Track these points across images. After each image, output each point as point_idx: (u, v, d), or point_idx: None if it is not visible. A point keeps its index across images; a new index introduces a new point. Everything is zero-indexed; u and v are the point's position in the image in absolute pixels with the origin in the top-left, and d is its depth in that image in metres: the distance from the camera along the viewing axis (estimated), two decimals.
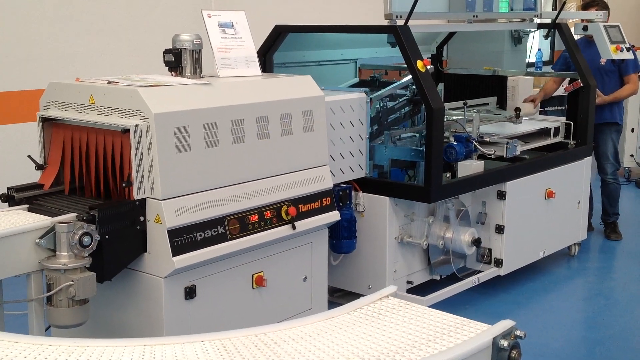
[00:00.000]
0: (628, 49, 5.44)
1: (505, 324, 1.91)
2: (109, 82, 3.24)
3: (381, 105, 4.59)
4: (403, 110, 4.80)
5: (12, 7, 5.25)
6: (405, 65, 4.34)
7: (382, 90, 4.60)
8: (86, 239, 2.82)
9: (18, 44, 5.31)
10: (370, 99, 4.37)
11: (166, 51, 3.55)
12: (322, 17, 7.20)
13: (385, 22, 4.38)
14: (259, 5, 6.57)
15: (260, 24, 4.57)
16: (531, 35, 7.46)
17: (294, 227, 3.54)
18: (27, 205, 3.20)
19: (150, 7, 6.00)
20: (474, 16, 5.02)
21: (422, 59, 4.26)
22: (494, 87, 6.00)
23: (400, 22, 4.33)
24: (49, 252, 2.85)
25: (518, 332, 1.90)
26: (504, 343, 1.86)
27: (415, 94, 4.68)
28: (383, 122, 4.59)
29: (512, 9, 5.39)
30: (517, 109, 5.46)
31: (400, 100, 4.78)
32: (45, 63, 5.42)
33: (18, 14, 5.28)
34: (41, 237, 2.83)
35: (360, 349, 1.86)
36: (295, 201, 3.59)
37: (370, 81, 5.18)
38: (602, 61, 5.84)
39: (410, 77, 4.46)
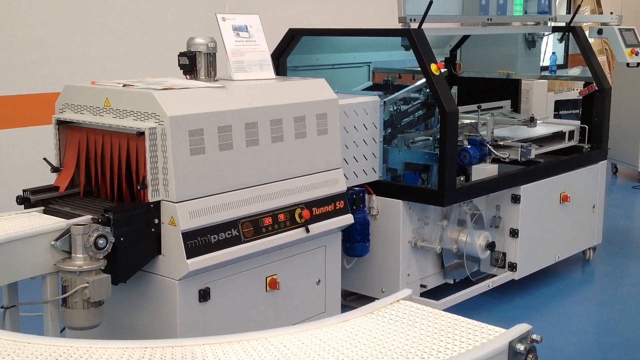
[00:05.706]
0: None
1: (521, 328, 1.90)
2: (124, 85, 3.26)
3: (395, 108, 4.57)
4: (417, 113, 4.78)
5: (26, 10, 5.28)
6: (419, 69, 4.34)
7: (396, 94, 4.58)
8: (101, 241, 2.83)
9: (32, 47, 5.34)
10: (384, 102, 4.36)
11: (181, 54, 3.57)
12: (335, 20, 7.20)
13: (399, 25, 4.37)
14: (273, 8, 6.58)
15: (274, 27, 4.57)
16: (545, 38, 7.42)
17: (307, 230, 3.54)
18: (43, 208, 3.21)
19: (163, 9, 6.03)
20: (487, 19, 5.02)
21: (436, 62, 4.25)
22: (507, 90, 5.99)
23: (414, 26, 4.32)
24: (64, 254, 2.86)
25: (534, 336, 1.88)
26: (521, 347, 1.85)
27: (429, 97, 4.67)
28: (397, 126, 4.58)
29: (526, 12, 5.37)
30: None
31: (414, 103, 4.76)
32: (60, 66, 5.45)
33: (32, 17, 5.31)
34: (56, 239, 2.85)
35: (375, 352, 1.85)
36: (309, 204, 3.59)
37: (383, 85, 5.17)
38: None
39: (423, 80, 4.45)
